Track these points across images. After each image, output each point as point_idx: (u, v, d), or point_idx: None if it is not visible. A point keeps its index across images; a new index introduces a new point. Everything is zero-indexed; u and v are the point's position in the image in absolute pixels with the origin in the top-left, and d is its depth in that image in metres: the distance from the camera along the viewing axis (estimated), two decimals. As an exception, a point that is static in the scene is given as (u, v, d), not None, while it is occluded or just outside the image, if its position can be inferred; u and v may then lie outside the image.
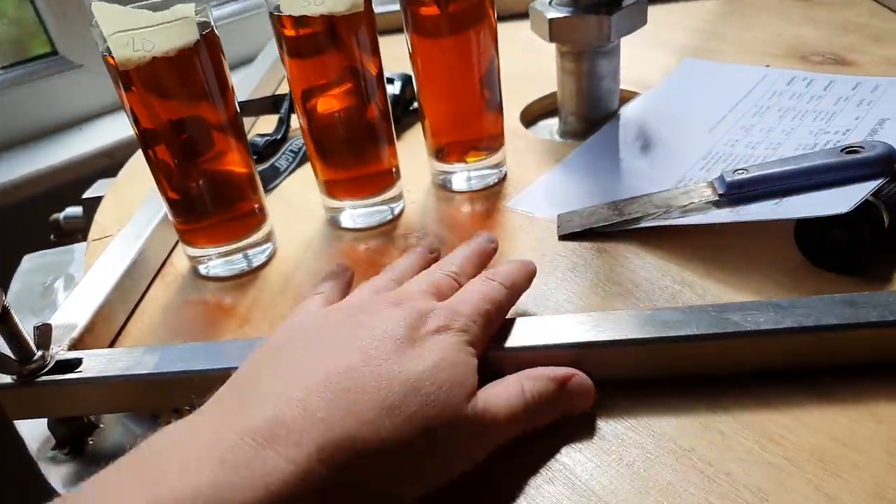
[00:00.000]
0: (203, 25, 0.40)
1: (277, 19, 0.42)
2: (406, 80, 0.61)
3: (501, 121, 0.51)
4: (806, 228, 0.39)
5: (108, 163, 0.86)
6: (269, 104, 0.63)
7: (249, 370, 0.27)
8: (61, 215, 0.66)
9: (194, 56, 0.39)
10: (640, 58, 0.67)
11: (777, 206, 0.40)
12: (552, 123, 0.62)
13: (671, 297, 0.38)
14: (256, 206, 0.46)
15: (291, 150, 0.58)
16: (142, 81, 0.39)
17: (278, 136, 0.60)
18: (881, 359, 0.31)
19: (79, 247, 0.58)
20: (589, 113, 0.57)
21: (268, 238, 0.47)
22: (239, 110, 0.44)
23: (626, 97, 0.61)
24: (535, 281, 0.35)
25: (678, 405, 0.31)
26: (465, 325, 0.29)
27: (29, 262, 0.56)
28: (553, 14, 0.52)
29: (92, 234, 0.54)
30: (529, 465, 0.29)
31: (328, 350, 0.27)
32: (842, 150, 0.40)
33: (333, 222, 0.50)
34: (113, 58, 0.38)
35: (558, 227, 0.45)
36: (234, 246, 0.45)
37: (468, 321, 0.29)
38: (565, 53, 0.55)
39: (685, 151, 0.51)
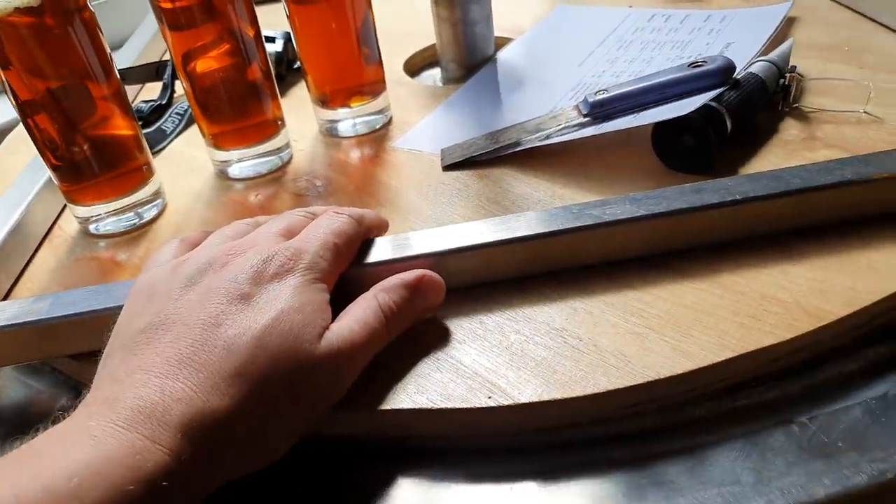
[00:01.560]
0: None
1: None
2: (287, 37, 0.62)
3: (382, 70, 0.53)
4: (660, 136, 0.43)
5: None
6: (153, 71, 0.62)
7: (108, 362, 0.27)
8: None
9: (50, 13, 0.39)
10: (514, 5, 0.70)
11: (634, 118, 0.43)
12: (435, 73, 0.64)
13: (545, 209, 0.41)
14: (144, 165, 0.46)
15: (177, 113, 0.58)
16: (16, 49, 0.38)
17: (163, 102, 0.59)
18: (723, 237, 0.36)
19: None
20: (467, 58, 0.60)
21: (157, 195, 0.47)
22: (121, 78, 0.44)
23: (502, 43, 0.64)
24: (423, 207, 0.37)
25: (551, 295, 0.34)
26: (312, 262, 0.29)
27: None
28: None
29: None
30: (418, 357, 0.32)
31: (177, 323, 0.26)
32: (688, 66, 0.45)
33: (222, 175, 0.50)
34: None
35: (441, 159, 0.48)
36: (123, 203, 0.45)
37: (314, 257, 0.29)
38: (434, 2, 0.57)
39: (556, 85, 0.54)
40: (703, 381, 0.30)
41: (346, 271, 0.32)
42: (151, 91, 0.63)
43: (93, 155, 0.43)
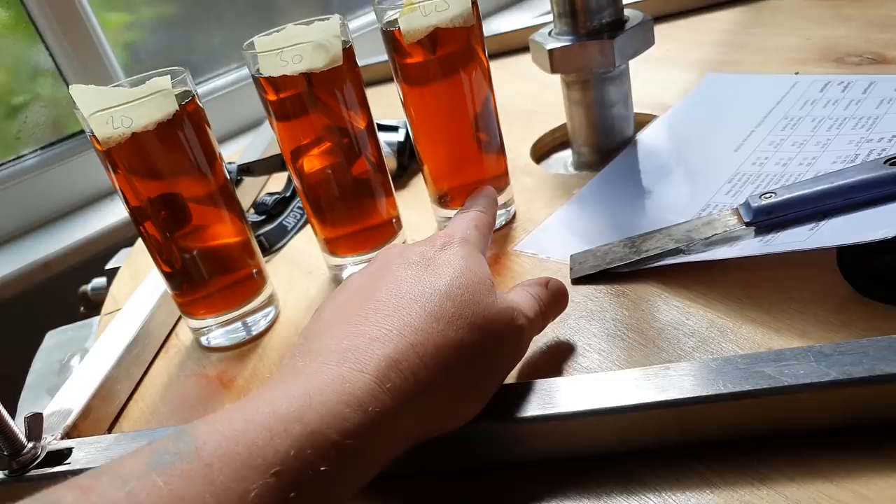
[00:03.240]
0: (183, 95, 0.39)
1: (258, 82, 0.41)
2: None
3: (504, 160, 0.48)
4: (850, 255, 0.34)
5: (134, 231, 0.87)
6: (278, 162, 0.62)
7: (312, 332, 0.30)
8: (89, 287, 0.67)
9: (175, 128, 0.38)
10: (654, 78, 0.63)
11: (813, 232, 0.35)
12: (565, 156, 0.59)
13: (699, 343, 0.34)
14: (254, 270, 0.44)
15: (298, 208, 0.57)
16: (126, 158, 0.38)
17: (287, 194, 0.59)
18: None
19: (96, 320, 0.58)
20: (602, 142, 0.54)
21: (269, 302, 0.45)
22: (242, 173, 0.43)
23: (643, 121, 0.57)
24: (549, 328, 0.36)
25: (714, 480, 0.27)
26: (464, 235, 0.34)
27: (51, 338, 0.56)
28: (553, 44, 0.50)
29: (105, 308, 0.53)
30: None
31: (366, 297, 0.30)
32: (885, 162, 0.36)
33: (337, 281, 0.48)
34: (96, 138, 0.37)
35: (571, 269, 0.42)
36: (233, 314, 0.43)
37: (464, 233, 0.34)
38: (571, 83, 0.52)
39: (709, 175, 0.47)
40: None
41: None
42: (279, 181, 0.63)
43: (200, 263, 0.42)
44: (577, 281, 0.41)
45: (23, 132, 0.90)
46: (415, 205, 0.53)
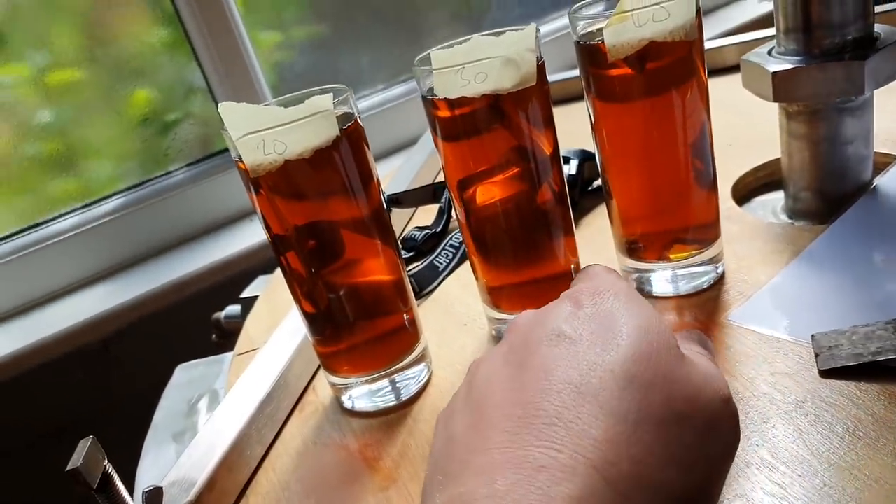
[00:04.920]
0: (345, 118, 0.33)
1: (431, 103, 0.35)
2: (584, 158, 0.51)
3: (716, 202, 0.39)
4: None
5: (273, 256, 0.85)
6: (430, 193, 0.56)
7: (447, 459, 0.22)
8: (222, 314, 0.64)
9: (333, 153, 0.32)
10: None
11: None
12: (773, 200, 0.49)
13: None
14: (406, 318, 0.38)
15: (451, 246, 0.50)
16: (274, 186, 0.33)
17: (437, 229, 0.52)
18: None
19: (229, 357, 0.54)
20: (830, 187, 0.43)
21: (421, 358, 0.38)
22: (389, 204, 0.37)
23: (883, 163, 0.46)
24: (788, 443, 0.26)
25: None
26: (613, 282, 0.25)
27: (181, 373, 0.52)
28: (776, 66, 0.40)
29: (239, 346, 0.49)
30: None
31: (508, 389, 0.22)
32: None
33: (499, 338, 0.40)
34: (244, 163, 0.32)
35: (817, 356, 0.32)
36: (380, 372, 0.37)
37: (609, 279, 0.26)
38: (794, 114, 0.42)
39: None
40: None
41: None
42: (427, 214, 0.57)
43: (346, 303, 0.35)
44: (828, 373, 0.31)
45: (171, 149, 0.91)
46: (586, 252, 0.45)
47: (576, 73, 0.37)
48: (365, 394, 0.37)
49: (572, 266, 0.39)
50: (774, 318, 0.35)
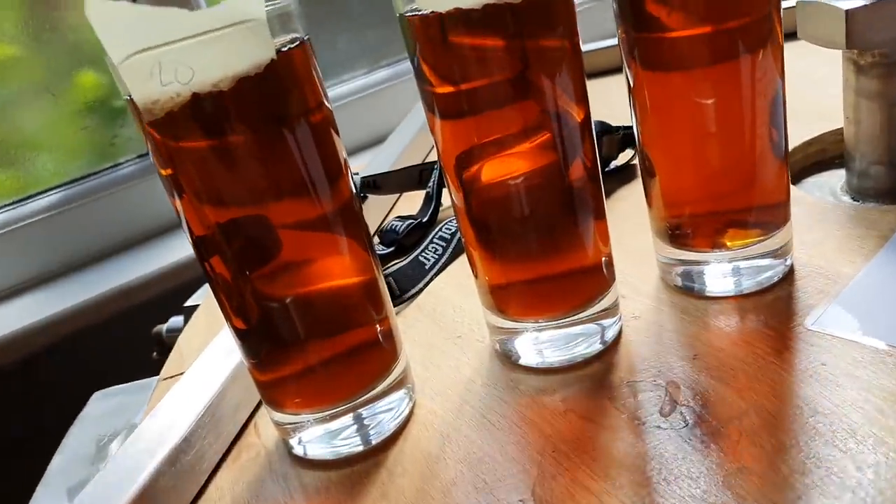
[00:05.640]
0: (285, 31, 0.23)
1: (410, 24, 0.25)
2: (602, 130, 0.42)
3: (786, 178, 0.30)
4: None
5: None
6: (415, 176, 0.46)
7: None
8: (164, 327, 0.54)
9: (265, 85, 0.22)
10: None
11: None
12: (830, 179, 0.40)
13: None
14: (380, 330, 0.28)
15: (441, 238, 0.40)
16: (178, 134, 0.23)
17: (424, 219, 0.43)
18: None
19: (154, 384, 0.43)
20: (917, 158, 0.34)
21: (399, 384, 0.28)
22: (364, 189, 0.27)
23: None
24: None
25: None
26: None
27: (96, 403, 0.41)
28: (851, 3, 0.31)
29: (166, 369, 0.39)
30: None
31: None
32: None
33: (506, 357, 0.30)
34: (134, 103, 0.22)
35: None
36: (341, 406, 0.27)
37: None
38: (867, 67, 0.33)
39: None
40: None
41: None
42: (411, 202, 0.47)
43: (295, 312, 0.25)
44: None
45: (119, 138, 0.81)
46: (620, 241, 0.35)
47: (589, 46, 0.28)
48: (321, 436, 0.27)
49: (603, 259, 0.29)
50: (864, 321, 0.26)
